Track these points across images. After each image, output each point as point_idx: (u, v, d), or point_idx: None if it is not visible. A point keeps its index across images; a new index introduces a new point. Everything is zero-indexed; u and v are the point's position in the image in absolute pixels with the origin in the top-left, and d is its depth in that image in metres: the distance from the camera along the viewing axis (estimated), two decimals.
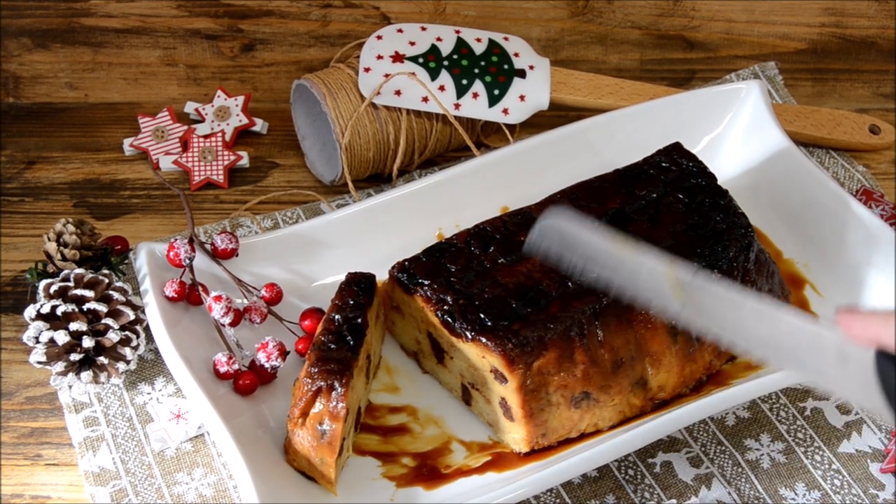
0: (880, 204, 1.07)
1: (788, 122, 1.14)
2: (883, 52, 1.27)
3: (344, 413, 0.80)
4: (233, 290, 0.94)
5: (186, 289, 0.92)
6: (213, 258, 0.94)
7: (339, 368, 0.80)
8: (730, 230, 0.91)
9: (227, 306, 0.90)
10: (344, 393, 0.79)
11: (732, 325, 0.64)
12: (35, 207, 1.09)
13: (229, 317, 0.90)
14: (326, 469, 0.81)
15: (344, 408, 0.79)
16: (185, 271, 0.92)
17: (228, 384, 0.89)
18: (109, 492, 0.86)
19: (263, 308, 0.93)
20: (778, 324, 0.61)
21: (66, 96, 1.21)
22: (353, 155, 1.07)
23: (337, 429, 0.80)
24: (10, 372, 0.95)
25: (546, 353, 0.83)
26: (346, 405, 0.80)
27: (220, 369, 0.88)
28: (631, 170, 0.97)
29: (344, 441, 0.82)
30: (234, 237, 0.94)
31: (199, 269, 0.93)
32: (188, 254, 0.92)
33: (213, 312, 0.90)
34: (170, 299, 0.91)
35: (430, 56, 1.10)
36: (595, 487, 0.88)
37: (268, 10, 1.21)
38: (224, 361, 0.88)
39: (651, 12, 1.25)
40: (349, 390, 0.80)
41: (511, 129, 1.13)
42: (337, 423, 0.80)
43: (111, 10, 1.19)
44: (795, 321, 0.61)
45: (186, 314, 0.92)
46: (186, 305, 0.93)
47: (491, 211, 1.02)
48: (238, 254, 0.95)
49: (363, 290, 0.87)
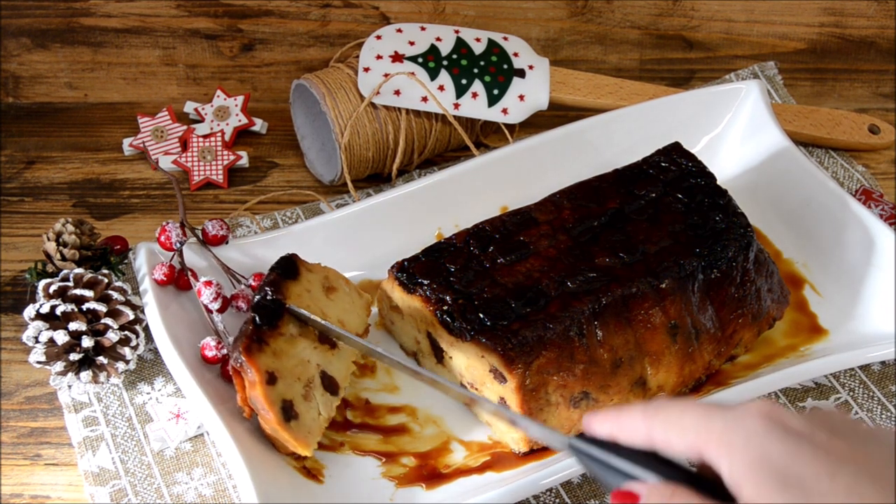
0: (880, 204, 1.07)
1: (788, 121, 1.14)
2: (882, 52, 1.27)
3: (258, 377, 0.80)
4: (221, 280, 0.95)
5: (175, 273, 0.92)
6: (202, 244, 0.94)
7: (239, 343, 0.82)
8: (729, 230, 0.91)
9: (216, 292, 0.91)
10: (248, 359, 0.81)
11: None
12: (35, 207, 1.09)
13: (218, 302, 0.91)
14: (282, 436, 0.82)
15: (254, 371, 0.81)
16: (174, 255, 0.93)
17: (215, 373, 0.90)
18: (109, 492, 0.86)
19: (250, 296, 0.93)
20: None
21: (65, 96, 1.21)
22: (353, 155, 1.07)
23: (260, 395, 0.81)
24: (10, 372, 0.95)
25: (545, 353, 0.83)
26: (258, 369, 0.81)
27: (207, 353, 0.89)
28: (630, 169, 0.97)
29: (290, 403, 0.82)
30: (224, 224, 0.95)
31: (189, 259, 0.94)
32: (179, 237, 0.92)
33: (202, 297, 0.91)
34: (159, 283, 0.91)
35: (429, 56, 1.10)
36: (595, 487, 0.88)
37: (267, 10, 1.21)
38: (213, 346, 0.89)
39: (650, 12, 1.25)
40: (259, 355, 0.81)
41: (510, 129, 1.13)
42: (254, 390, 0.81)
43: (111, 10, 1.19)
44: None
45: (178, 305, 0.92)
46: (176, 292, 0.93)
47: (490, 211, 1.02)
48: (228, 241, 0.95)
49: (277, 268, 0.87)
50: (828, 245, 1.00)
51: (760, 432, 0.56)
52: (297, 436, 0.82)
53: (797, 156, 1.03)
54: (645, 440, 0.60)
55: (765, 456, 0.55)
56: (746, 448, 0.56)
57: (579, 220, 0.92)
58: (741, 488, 0.55)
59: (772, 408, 0.58)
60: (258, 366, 0.81)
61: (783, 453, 0.55)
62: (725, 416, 0.58)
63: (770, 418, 0.57)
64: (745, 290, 0.91)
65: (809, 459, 0.55)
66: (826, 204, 1.00)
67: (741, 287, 0.91)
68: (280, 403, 0.82)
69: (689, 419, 0.58)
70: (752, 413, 0.57)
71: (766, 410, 0.57)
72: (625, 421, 0.61)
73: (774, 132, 1.05)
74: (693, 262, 0.88)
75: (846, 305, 0.97)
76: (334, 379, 0.87)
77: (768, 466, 0.55)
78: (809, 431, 0.56)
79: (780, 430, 0.56)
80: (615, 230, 0.91)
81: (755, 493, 0.55)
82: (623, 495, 0.59)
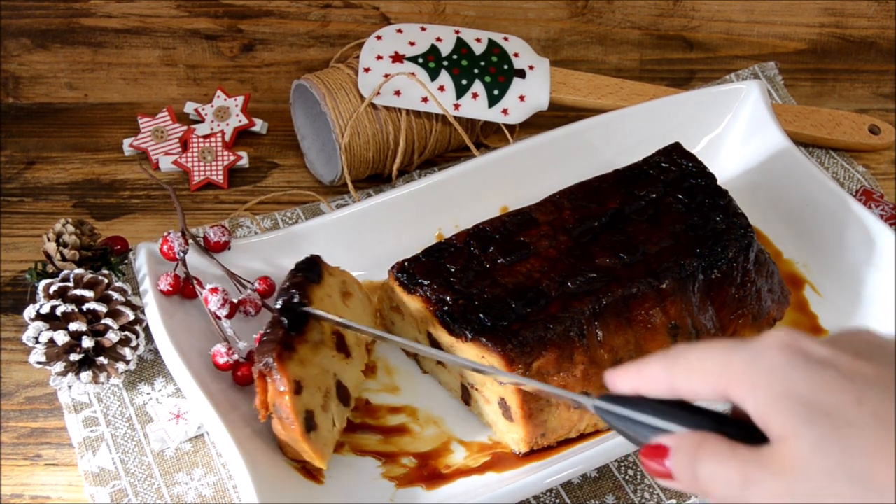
0: (880, 204, 1.07)
1: (788, 122, 1.14)
2: (883, 53, 1.27)
3: (287, 386, 0.79)
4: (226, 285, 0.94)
5: (181, 282, 0.92)
6: (205, 251, 0.94)
7: (270, 347, 0.80)
8: (729, 230, 0.91)
9: (223, 298, 0.90)
10: (280, 367, 0.79)
11: None
12: (35, 207, 1.09)
13: (225, 308, 0.90)
14: (301, 447, 0.81)
15: (285, 381, 0.79)
16: (178, 265, 0.92)
17: (227, 380, 0.89)
18: (109, 492, 0.86)
19: (258, 300, 0.93)
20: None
21: (65, 96, 1.21)
22: (353, 155, 1.07)
23: (287, 404, 0.79)
24: (10, 372, 0.95)
25: (545, 354, 0.83)
26: (288, 378, 0.79)
27: (219, 360, 0.88)
28: (630, 170, 0.97)
29: (311, 414, 0.81)
30: (225, 230, 0.95)
31: (192, 266, 0.94)
32: (182, 247, 0.92)
33: (209, 304, 0.90)
34: (165, 293, 0.91)
35: (429, 56, 1.10)
36: (595, 487, 0.88)
37: (268, 10, 1.21)
38: (224, 353, 0.89)
39: (651, 12, 1.25)
40: (289, 363, 0.80)
41: (511, 130, 1.13)
42: (281, 399, 0.79)
43: (111, 11, 1.19)
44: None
45: (184, 312, 0.92)
46: (182, 301, 0.93)
47: (491, 211, 1.02)
48: (230, 247, 0.95)
49: (302, 270, 0.86)
50: (828, 245, 1.00)
51: (783, 364, 0.54)
52: (315, 447, 0.81)
53: (797, 156, 1.03)
54: (669, 390, 0.58)
55: (788, 388, 0.54)
56: (770, 383, 0.54)
57: (579, 221, 0.92)
58: (768, 425, 0.54)
59: (792, 337, 0.56)
60: (288, 374, 0.79)
61: (807, 383, 0.53)
62: (745, 354, 0.56)
63: (791, 349, 0.55)
64: (745, 291, 0.91)
65: (834, 386, 0.53)
66: (826, 204, 1.00)
67: (742, 287, 0.91)
68: (304, 414, 0.81)
69: (710, 363, 0.57)
70: (772, 346, 0.55)
71: (787, 341, 0.56)
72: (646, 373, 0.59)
73: (775, 132, 1.05)
74: (693, 263, 0.88)
75: (846, 306, 0.97)
76: (347, 389, 0.87)
77: (793, 399, 0.53)
78: (833, 357, 0.54)
79: (801, 359, 0.54)
80: (615, 230, 0.91)
81: (782, 428, 0.53)
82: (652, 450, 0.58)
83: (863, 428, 0.52)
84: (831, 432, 0.52)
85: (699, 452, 0.56)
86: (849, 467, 0.51)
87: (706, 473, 0.56)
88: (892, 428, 0.52)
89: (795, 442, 0.53)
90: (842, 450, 0.52)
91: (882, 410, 0.52)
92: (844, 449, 0.52)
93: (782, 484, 0.53)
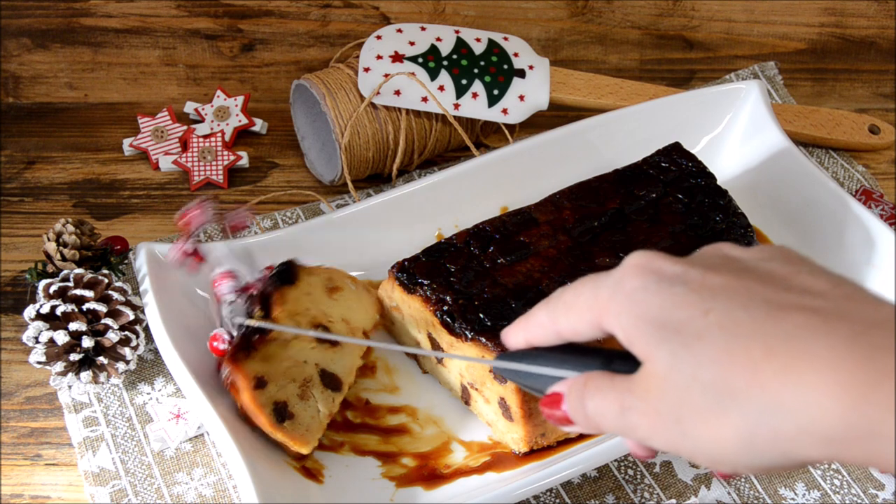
0: (880, 204, 1.07)
1: (788, 122, 1.14)
2: (883, 52, 1.27)
3: (243, 383, 0.82)
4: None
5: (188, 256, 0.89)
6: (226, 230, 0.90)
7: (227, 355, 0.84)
8: (729, 230, 0.91)
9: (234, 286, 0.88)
10: (234, 368, 0.83)
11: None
12: (35, 207, 1.09)
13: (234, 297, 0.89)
14: (277, 437, 0.83)
15: (241, 379, 0.82)
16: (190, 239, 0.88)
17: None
18: (109, 492, 0.86)
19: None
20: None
21: (65, 96, 1.21)
22: (353, 155, 1.07)
23: (247, 399, 0.82)
24: (10, 372, 0.95)
25: None
26: (245, 376, 0.82)
27: (218, 346, 0.86)
28: (630, 170, 0.97)
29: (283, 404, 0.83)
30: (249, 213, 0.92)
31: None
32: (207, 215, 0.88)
33: (218, 287, 0.88)
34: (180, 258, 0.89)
35: (429, 56, 1.10)
36: (595, 487, 0.88)
37: (267, 10, 1.21)
38: (225, 339, 0.87)
39: (651, 12, 1.25)
40: (247, 362, 0.83)
41: (510, 129, 1.13)
42: (238, 395, 0.83)
43: (111, 10, 1.19)
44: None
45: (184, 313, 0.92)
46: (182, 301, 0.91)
47: (490, 211, 1.02)
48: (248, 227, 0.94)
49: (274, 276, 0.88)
50: (828, 245, 1.00)
51: (638, 287, 0.55)
52: (292, 435, 0.83)
53: (797, 156, 1.03)
54: (555, 335, 0.59)
55: (643, 311, 0.54)
56: (630, 308, 0.55)
57: (579, 221, 0.92)
58: (634, 350, 0.55)
59: (646, 258, 0.57)
60: (245, 372, 0.83)
61: (658, 303, 0.54)
62: (608, 283, 0.57)
63: (645, 270, 0.56)
64: None
65: (683, 302, 0.54)
66: (826, 204, 1.00)
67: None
68: (271, 406, 0.83)
69: (581, 298, 0.58)
70: (628, 270, 0.56)
71: (640, 262, 0.56)
72: (532, 324, 0.60)
73: (775, 132, 1.05)
74: None
75: None
76: (336, 375, 0.87)
77: (647, 320, 0.54)
78: (683, 273, 0.55)
79: (654, 279, 0.55)
80: (615, 230, 0.91)
81: (643, 349, 0.54)
82: (550, 400, 0.59)
83: (710, 338, 0.52)
84: (681, 348, 0.53)
85: (585, 391, 0.57)
86: (701, 379, 0.52)
87: (592, 409, 0.57)
88: (738, 334, 0.52)
89: (654, 363, 0.54)
90: (693, 363, 0.52)
91: (726, 319, 0.52)
92: (695, 362, 0.52)
93: (649, 405, 0.54)
